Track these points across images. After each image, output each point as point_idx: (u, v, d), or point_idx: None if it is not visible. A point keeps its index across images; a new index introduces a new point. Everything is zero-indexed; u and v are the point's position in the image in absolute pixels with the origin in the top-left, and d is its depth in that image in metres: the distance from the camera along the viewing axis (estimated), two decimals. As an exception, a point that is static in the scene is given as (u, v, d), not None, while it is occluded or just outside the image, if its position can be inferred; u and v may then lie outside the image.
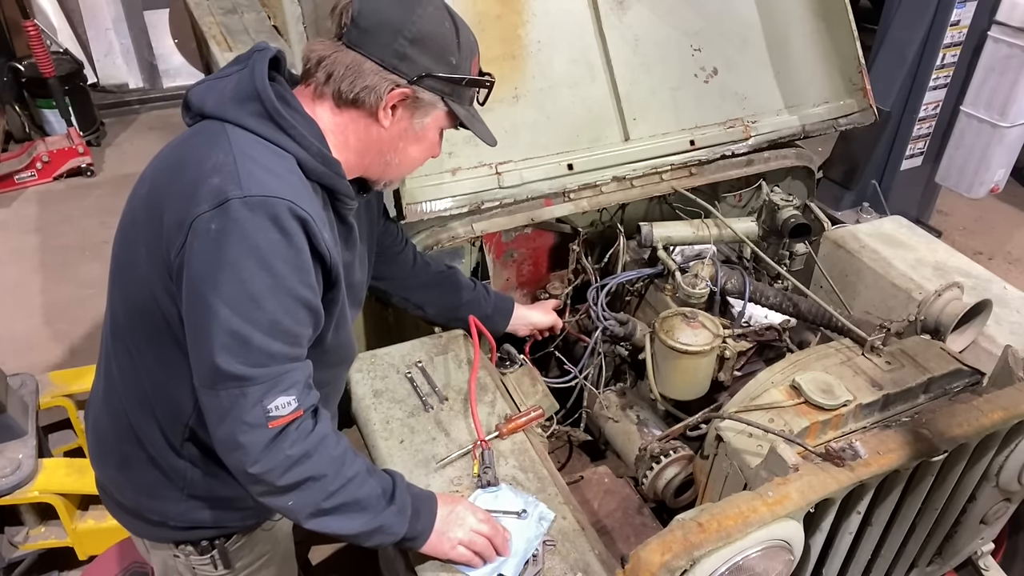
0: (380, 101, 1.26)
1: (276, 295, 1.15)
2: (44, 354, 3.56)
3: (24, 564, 2.54)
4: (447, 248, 1.97)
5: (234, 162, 1.15)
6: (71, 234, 4.45)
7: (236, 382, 1.15)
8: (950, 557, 1.87)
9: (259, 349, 1.15)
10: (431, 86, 1.27)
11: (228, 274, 1.12)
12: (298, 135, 1.23)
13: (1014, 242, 4.66)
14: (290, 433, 1.19)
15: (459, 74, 1.29)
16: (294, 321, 1.19)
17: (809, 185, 2.47)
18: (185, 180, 1.17)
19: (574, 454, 2.12)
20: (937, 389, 1.63)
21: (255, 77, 1.22)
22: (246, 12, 3.74)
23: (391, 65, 1.24)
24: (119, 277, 1.32)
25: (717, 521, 1.25)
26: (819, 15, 2.35)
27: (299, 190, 1.20)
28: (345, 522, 1.27)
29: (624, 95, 2.17)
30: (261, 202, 1.13)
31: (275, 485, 1.20)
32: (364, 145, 1.32)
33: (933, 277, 2.05)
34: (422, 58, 1.25)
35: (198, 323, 1.15)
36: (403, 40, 1.23)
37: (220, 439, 1.19)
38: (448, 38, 1.28)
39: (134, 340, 1.30)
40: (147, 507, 1.42)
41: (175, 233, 1.15)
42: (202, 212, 1.12)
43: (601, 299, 2.00)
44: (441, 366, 1.81)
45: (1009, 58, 3.69)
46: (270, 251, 1.13)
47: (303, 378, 1.22)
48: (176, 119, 1.28)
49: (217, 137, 1.20)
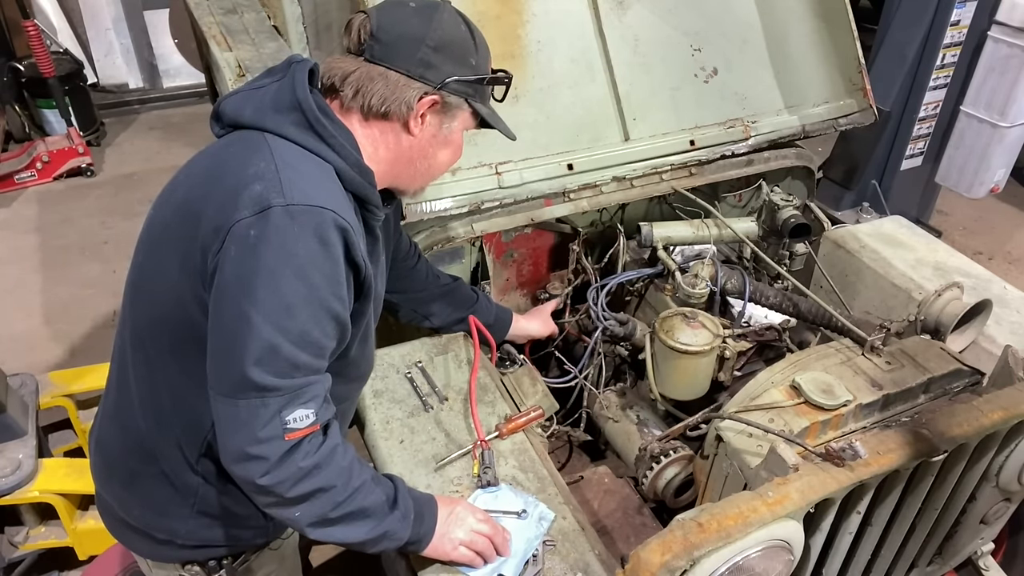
0: (411, 110, 1.27)
1: (309, 306, 1.15)
2: (44, 354, 3.56)
3: (24, 564, 2.54)
4: (447, 248, 1.97)
5: (276, 170, 1.16)
6: (71, 234, 4.45)
7: (259, 392, 1.14)
8: (950, 557, 1.87)
9: (286, 359, 1.14)
10: (456, 89, 1.29)
11: (264, 281, 1.11)
12: (337, 145, 1.24)
13: (1014, 242, 4.66)
14: (303, 446, 1.18)
15: (480, 74, 1.32)
16: (322, 333, 1.19)
17: (809, 185, 2.47)
18: (225, 186, 1.17)
19: (574, 454, 2.12)
20: (937, 389, 1.63)
21: (296, 86, 1.23)
22: (246, 12, 3.73)
23: (418, 74, 1.26)
24: (144, 285, 1.30)
25: (717, 521, 1.25)
26: (819, 15, 2.35)
27: (340, 200, 1.21)
28: (350, 531, 1.27)
29: (624, 95, 2.17)
30: (304, 211, 1.13)
31: (284, 497, 1.19)
32: (394, 155, 1.33)
33: (933, 277, 2.05)
34: (446, 64, 1.27)
35: (228, 329, 1.14)
36: (426, 49, 1.25)
37: (232, 450, 1.17)
38: (467, 41, 1.31)
39: (157, 350, 1.29)
40: (154, 525, 1.39)
41: (212, 238, 1.15)
42: (242, 218, 1.12)
43: (601, 299, 2.00)
44: (441, 366, 1.81)
45: (1009, 58, 3.69)
46: (308, 261, 1.13)
47: (322, 392, 1.21)
48: (176, 119, 1.28)
49: (257, 145, 1.21)
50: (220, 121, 1.29)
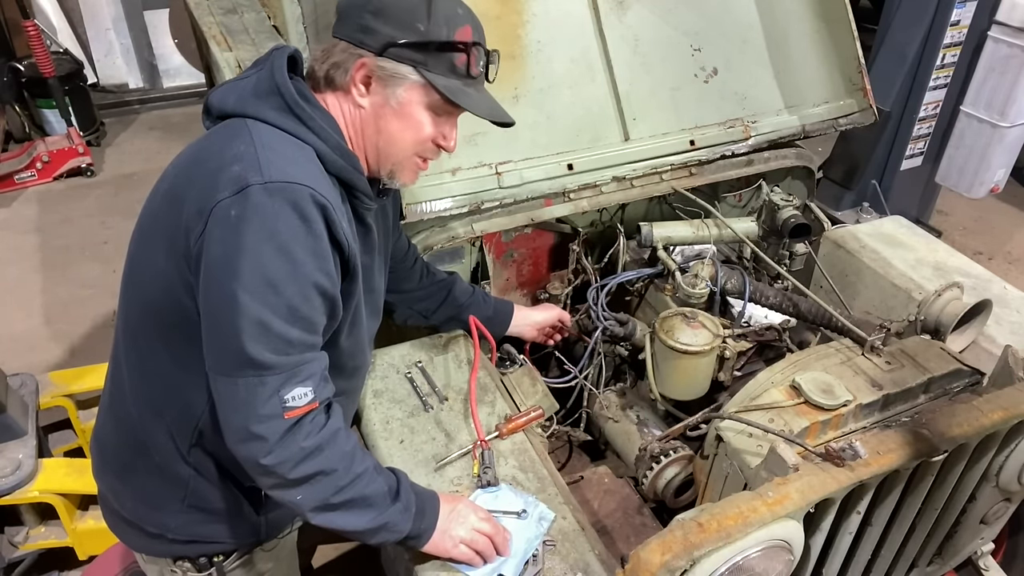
0: (346, 76, 1.28)
1: (295, 280, 1.15)
2: (44, 354, 3.56)
3: (24, 564, 2.54)
4: (447, 248, 1.97)
5: (255, 151, 1.17)
6: (71, 234, 4.45)
7: (256, 370, 1.15)
8: (950, 557, 1.87)
9: (278, 335, 1.15)
10: (398, 55, 1.26)
11: (247, 260, 1.12)
12: (317, 127, 1.24)
13: (1014, 242, 4.66)
14: (304, 425, 1.19)
15: (428, 39, 1.25)
16: (311, 308, 1.19)
17: (809, 185, 2.46)
18: (206, 170, 1.19)
19: (574, 454, 2.12)
20: (937, 389, 1.63)
21: (275, 72, 1.24)
22: (246, 12, 3.73)
23: (357, 40, 1.26)
24: (135, 275, 1.31)
25: (717, 521, 1.25)
26: (819, 15, 2.35)
27: (319, 178, 1.21)
28: (351, 518, 1.27)
29: (624, 95, 2.17)
30: (281, 188, 1.14)
31: (286, 478, 1.20)
32: (355, 130, 1.33)
33: (933, 277, 2.05)
34: (385, 28, 1.24)
35: (219, 311, 1.15)
36: (366, 14, 1.25)
37: (234, 428, 1.18)
38: (415, 4, 1.25)
39: (147, 339, 1.30)
40: (146, 517, 1.40)
41: (195, 221, 1.15)
42: (222, 199, 1.13)
43: (601, 299, 2.00)
44: (441, 366, 1.81)
45: (1009, 58, 3.69)
46: (289, 236, 1.14)
47: (320, 370, 1.22)
48: (176, 119, 1.28)
49: (238, 131, 1.22)
50: (209, 114, 1.30)
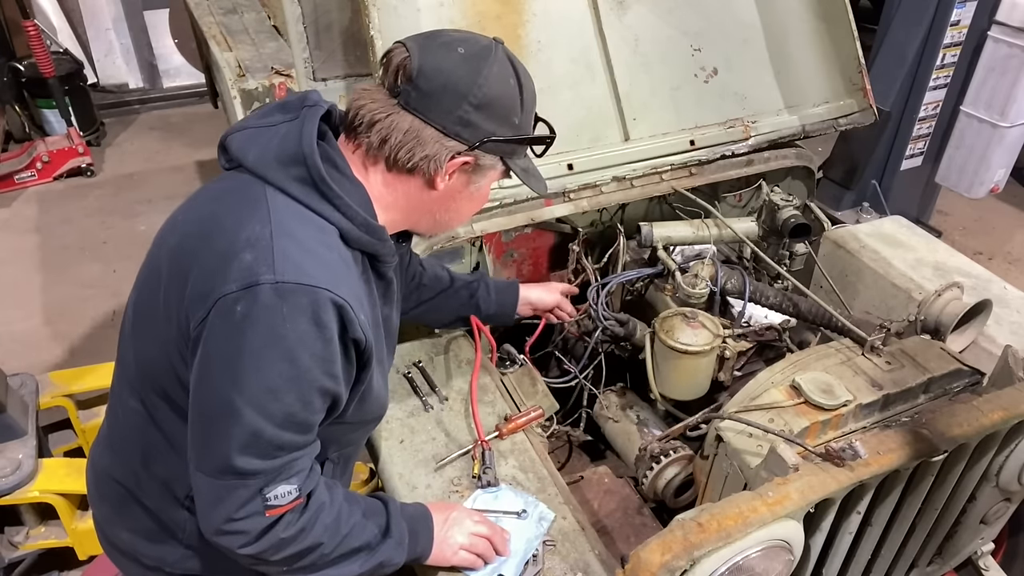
0: (439, 169, 1.18)
1: (297, 387, 1.09)
2: (44, 354, 3.56)
3: (24, 564, 2.55)
4: (447, 248, 1.97)
5: (270, 237, 1.08)
6: (71, 234, 4.45)
7: (239, 477, 1.10)
8: (950, 557, 1.87)
9: (269, 442, 1.09)
10: (492, 148, 1.20)
11: (249, 364, 1.06)
12: (343, 205, 1.15)
13: (1014, 242, 4.66)
14: (285, 517, 1.15)
15: (521, 133, 1.22)
16: (309, 412, 1.13)
17: (809, 185, 2.46)
18: (216, 248, 1.10)
19: (574, 454, 2.12)
20: (937, 389, 1.63)
21: (303, 138, 1.14)
22: (246, 12, 3.74)
23: (453, 132, 1.16)
24: (139, 323, 1.25)
25: (717, 521, 1.25)
26: (819, 15, 2.35)
27: (338, 271, 1.13)
28: (343, 569, 1.25)
29: (624, 95, 2.17)
30: (293, 290, 1.05)
31: (268, 561, 1.18)
32: (414, 206, 1.25)
33: (933, 277, 2.05)
34: (486, 123, 1.17)
35: (211, 411, 1.09)
36: (468, 106, 1.15)
37: (211, 522, 1.13)
38: (513, 98, 1.20)
39: (145, 392, 1.24)
40: (143, 551, 1.35)
41: (197, 304, 1.08)
42: (229, 292, 1.05)
43: (601, 299, 2.00)
44: (441, 366, 1.81)
45: (1009, 58, 3.69)
46: (297, 342, 1.06)
47: (308, 464, 1.18)
48: (176, 118, 1.28)
49: (256, 204, 1.13)
50: (226, 152, 1.21)
